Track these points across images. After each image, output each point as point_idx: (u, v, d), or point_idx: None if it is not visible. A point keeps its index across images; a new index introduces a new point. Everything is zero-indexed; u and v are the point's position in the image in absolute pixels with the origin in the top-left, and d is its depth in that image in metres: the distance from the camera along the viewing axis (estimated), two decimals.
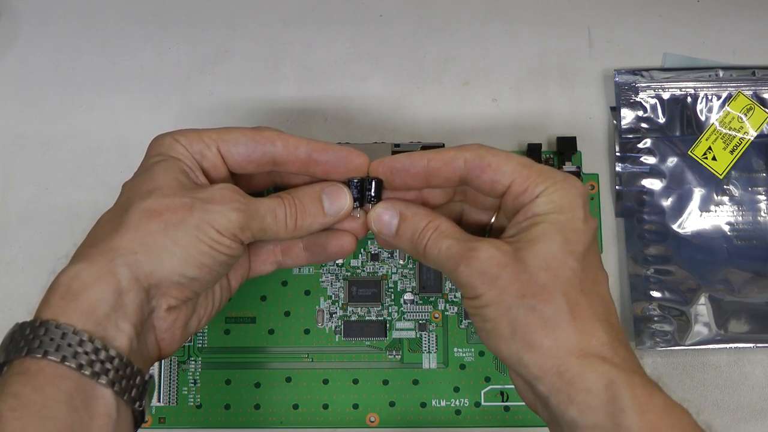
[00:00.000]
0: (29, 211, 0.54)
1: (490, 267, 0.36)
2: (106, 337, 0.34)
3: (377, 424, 0.50)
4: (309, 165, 0.40)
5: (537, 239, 0.36)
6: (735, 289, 0.51)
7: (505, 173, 0.37)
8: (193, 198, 0.37)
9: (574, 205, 0.37)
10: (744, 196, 0.52)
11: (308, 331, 0.51)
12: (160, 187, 0.37)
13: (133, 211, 0.36)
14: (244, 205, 0.37)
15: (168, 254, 0.36)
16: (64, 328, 0.33)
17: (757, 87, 0.53)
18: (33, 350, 0.33)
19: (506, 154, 0.38)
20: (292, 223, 0.39)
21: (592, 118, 0.55)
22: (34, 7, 0.58)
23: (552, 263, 0.35)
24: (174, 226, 0.36)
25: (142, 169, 0.39)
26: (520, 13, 0.57)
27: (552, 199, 0.37)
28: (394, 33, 0.57)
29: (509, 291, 0.35)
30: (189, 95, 0.56)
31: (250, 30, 0.57)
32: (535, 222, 0.36)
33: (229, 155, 0.40)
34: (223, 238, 0.37)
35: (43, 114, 0.56)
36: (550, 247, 0.36)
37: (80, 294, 0.34)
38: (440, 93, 0.55)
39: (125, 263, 0.35)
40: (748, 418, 0.50)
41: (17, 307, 0.52)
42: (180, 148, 0.39)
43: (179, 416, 0.50)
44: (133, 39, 0.57)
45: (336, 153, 0.40)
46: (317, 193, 0.40)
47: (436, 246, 0.38)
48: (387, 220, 0.40)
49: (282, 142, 0.40)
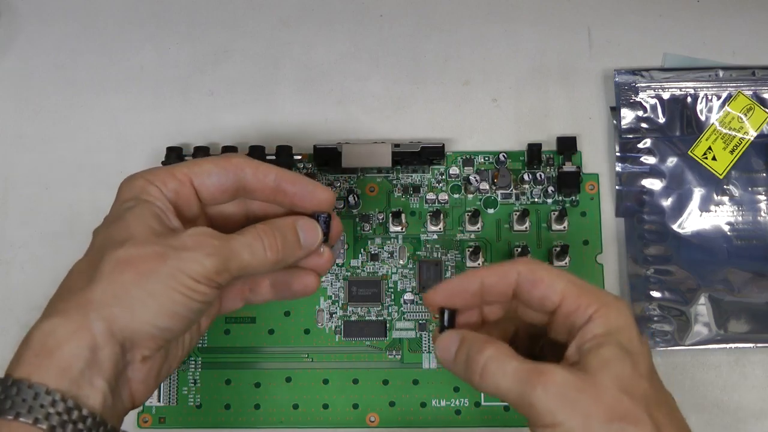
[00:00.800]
0: (29, 211, 0.54)
1: (568, 390, 0.34)
2: (80, 395, 0.34)
3: (377, 424, 0.50)
4: (277, 194, 0.41)
5: (608, 361, 0.35)
6: (735, 289, 0.51)
7: (556, 290, 0.37)
8: (166, 246, 0.36)
9: (630, 326, 0.36)
10: (744, 196, 0.52)
11: (308, 331, 0.51)
12: (132, 236, 0.36)
13: (106, 261, 0.36)
14: (217, 248, 0.37)
15: (141, 306, 0.35)
16: (36, 387, 0.33)
17: (757, 87, 0.53)
18: (4, 411, 0.33)
19: (558, 271, 0.38)
20: (272, 255, 0.39)
21: (592, 118, 0.55)
22: (34, 7, 0.58)
23: (628, 385, 0.34)
24: (146, 276, 0.35)
25: (114, 215, 0.39)
26: (520, 13, 0.57)
27: (609, 321, 0.36)
28: (394, 33, 0.57)
29: (594, 416, 0.34)
30: (189, 95, 0.56)
31: (250, 30, 0.57)
32: (600, 343, 0.35)
33: (203, 187, 0.40)
34: (199, 285, 0.36)
35: (43, 114, 0.56)
36: (623, 368, 0.35)
37: (55, 351, 0.34)
38: (440, 93, 0.55)
39: (100, 317, 0.35)
40: (748, 418, 0.50)
41: (17, 307, 0.52)
42: (153, 189, 0.39)
43: (179, 416, 0.50)
44: (133, 39, 0.57)
45: (303, 186, 0.40)
46: (292, 225, 0.40)
47: (500, 367, 0.36)
48: (449, 345, 0.39)
49: (251, 169, 0.40)
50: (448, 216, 0.52)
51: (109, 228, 0.38)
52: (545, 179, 0.53)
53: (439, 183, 0.53)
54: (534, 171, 0.53)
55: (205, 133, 0.55)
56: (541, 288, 0.37)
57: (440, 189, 0.53)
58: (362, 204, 0.53)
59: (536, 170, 0.53)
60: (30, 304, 0.52)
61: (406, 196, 0.53)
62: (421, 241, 0.52)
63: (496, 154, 0.53)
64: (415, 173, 0.53)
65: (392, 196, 0.53)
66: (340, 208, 0.52)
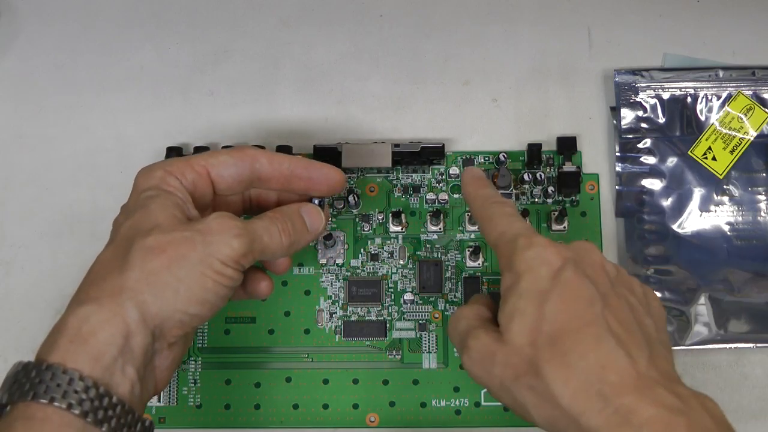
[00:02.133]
0: (29, 211, 0.54)
1: (484, 357, 0.38)
2: (111, 383, 0.34)
3: (377, 424, 0.50)
4: (291, 181, 0.42)
5: (510, 316, 0.37)
6: (735, 289, 0.51)
7: (489, 238, 0.41)
8: (193, 231, 0.37)
9: (534, 267, 0.37)
10: (744, 196, 0.52)
11: (308, 331, 0.51)
12: (159, 223, 0.37)
13: (136, 249, 0.36)
14: (242, 229, 0.38)
15: (171, 292, 0.36)
16: (71, 373, 0.33)
17: (757, 87, 0.53)
18: (39, 395, 0.33)
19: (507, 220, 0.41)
20: (286, 240, 0.41)
21: (592, 118, 0.55)
22: (34, 7, 0.58)
23: (531, 336, 0.36)
24: (177, 262, 0.36)
25: (135, 205, 0.39)
26: (520, 13, 0.57)
27: (514, 270, 0.38)
28: (394, 33, 0.57)
29: (506, 377, 0.37)
30: (189, 95, 0.56)
31: (250, 30, 0.57)
32: (504, 298, 0.38)
33: (220, 178, 0.41)
34: (227, 268, 0.37)
35: (43, 114, 0.56)
36: (524, 321, 0.37)
37: (89, 338, 0.34)
38: (440, 93, 0.55)
39: (134, 304, 0.35)
40: (748, 418, 0.50)
41: (17, 307, 0.52)
42: (172, 180, 0.40)
43: (179, 416, 0.50)
44: (133, 39, 0.57)
45: (318, 170, 0.42)
46: (297, 212, 0.42)
47: (454, 329, 0.42)
48: None
49: (267, 159, 0.41)
50: (448, 216, 0.52)
51: (133, 217, 0.38)
52: (545, 179, 0.53)
53: (439, 183, 0.53)
54: (534, 171, 0.53)
55: (205, 133, 0.55)
56: (484, 231, 0.42)
57: (440, 189, 0.53)
58: (362, 204, 0.53)
59: (536, 170, 0.53)
60: (30, 305, 0.52)
61: (406, 196, 0.53)
62: (421, 241, 0.52)
63: (496, 154, 0.53)
64: (415, 173, 0.53)
65: (392, 196, 0.53)
66: (340, 208, 0.52)
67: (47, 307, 0.52)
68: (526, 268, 0.37)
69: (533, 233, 0.39)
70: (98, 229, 0.53)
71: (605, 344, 0.35)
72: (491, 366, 0.37)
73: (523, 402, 0.36)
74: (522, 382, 0.36)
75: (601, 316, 0.36)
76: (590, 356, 0.35)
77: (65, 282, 0.52)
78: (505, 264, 0.39)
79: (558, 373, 0.35)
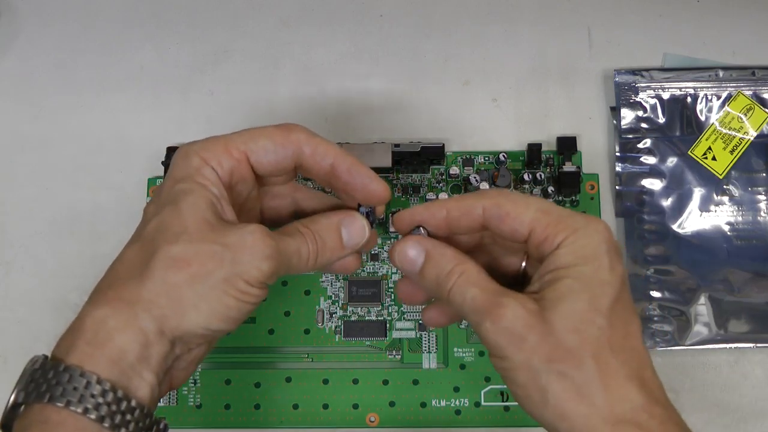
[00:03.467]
0: (29, 211, 0.54)
1: (517, 327, 0.34)
2: (130, 387, 0.33)
3: (377, 424, 0.50)
4: (331, 179, 0.39)
5: (561, 297, 0.34)
6: (735, 289, 0.51)
7: (523, 222, 0.35)
8: (224, 245, 0.35)
9: (598, 254, 0.34)
10: (744, 196, 0.52)
11: (308, 331, 0.51)
12: (187, 229, 0.35)
13: (158, 258, 0.34)
14: (275, 251, 0.35)
15: (193, 310, 0.34)
16: (88, 376, 0.33)
17: (757, 87, 0.53)
18: (55, 398, 0.32)
19: (525, 200, 0.36)
20: (312, 260, 0.38)
21: (592, 118, 0.55)
22: (34, 7, 0.58)
23: (579, 324, 0.33)
24: (201, 279, 0.34)
25: (168, 197, 0.37)
26: (520, 13, 0.57)
27: (574, 250, 0.34)
28: (394, 33, 0.57)
29: (537, 355, 0.33)
30: (189, 95, 0.56)
31: (250, 30, 0.57)
32: (557, 277, 0.34)
33: (259, 165, 0.38)
34: (252, 288, 0.35)
35: (43, 114, 0.56)
36: (576, 306, 0.34)
37: (107, 342, 0.33)
38: (440, 93, 0.55)
39: (151, 317, 0.34)
40: (748, 418, 0.50)
41: (17, 307, 0.52)
42: (208, 172, 0.37)
43: (179, 416, 0.50)
44: (133, 39, 0.57)
45: (358, 177, 0.38)
46: (336, 226, 0.39)
47: (461, 293, 0.36)
48: (412, 257, 0.37)
49: (310, 149, 0.38)
50: None
51: (162, 213, 0.36)
52: (545, 179, 0.53)
53: (439, 183, 0.53)
54: (534, 171, 0.53)
55: (205, 133, 0.54)
56: (507, 222, 0.36)
57: (440, 189, 0.53)
58: None
59: (536, 170, 0.53)
60: (30, 305, 0.52)
61: (406, 196, 0.53)
62: None
63: (496, 154, 0.53)
64: (415, 173, 0.53)
65: (392, 196, 0.53)
66: None
67: (47, 306, 0.52)
68: (590, 253, 0.34)
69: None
70: (98, 229, 0.53)
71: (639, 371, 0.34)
72: (522, 340, 0.33)
73: (545, 385, 0.33)
74: (555, 366, 0.33)
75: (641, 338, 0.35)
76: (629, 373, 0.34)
77: (65, 282, 0.52)
78: (568, 232, 0.35)
79: (601, 375, 0.33)
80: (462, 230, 0.38)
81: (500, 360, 0.34)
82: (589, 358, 0.33)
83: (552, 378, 0.33)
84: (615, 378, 0.33)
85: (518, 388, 0.34)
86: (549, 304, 0.34)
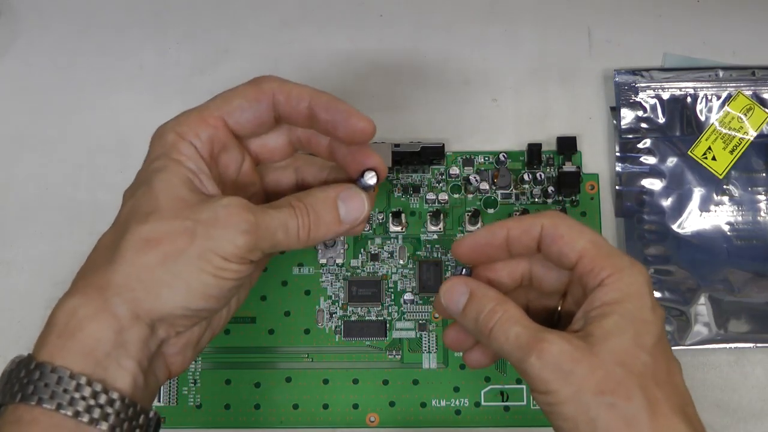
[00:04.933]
0: (29, 211, 0.54)
1: (563, 361, 0.34)
2: (107, 378, 0.32)
3: (377, 424, 0.50)
4: (311, 122, 0.37)
5: (609, 333, 0.35)
6: (735, 289, 0.51)
7: (574, 248, 0.36)
8: (195, 221, 0.33)
9: (642, 294, 0.36)
10: (744, 196, 0.52)
11: (308, 331, 0.51)
12: (159, 207, 0.34)
13: (128, 239, 0.33)
14: (252, 224, 0.34)
15: (168, 289, 0.33)
16: (59, 371, 0.31)
17: (757, 87, 0.53)
18: (27, 397, 0.31)
19: (580, 228, 0.37)
20: (304, 234, 0.36)
21: (592, 118, 0.55)
22: (34, 7, 0.58)
23: (626, 358, 0.34)
24: (173, 257, 0.33)
25: (142, 178, 0.36)
26: (520, 13, 0.57)
27: (620, 287, 0.35)
28: (394, 33, 0.57)
29: (586, 387, 0.34)
30: (189, 95, 0.55)
31: (250, 30, 0.57)
32: (604, 312, 0.35)
33: (238, 126, 0.37)
34: (230, 263, 0.34)
35: (43, 114, 0.56)
36: (623, 342, 0.34)
37: (77, 332, 0.32)
38: (440, 93, 0.55)
39: (122, 301, 0.33)
40: (748, 418, 0.50)
41: (17, 307, 0.52)
42: (184, 146, 0.36)
43: (179, 416, 0.50)
44: (133, 39, 0.57)
45: (337, 113, 0.36)
46: (332, 200, 0.37)
47: (503, 332, 0.36)
48: (456, 297, 0.38)
49: (284, 95, 0.37)
50: (448, 216, 0.52)
51: (136, 195, 0.35)
52: (545, 179, 0.53)
53: (439, 183, 0.53)
54: (534, 171, 0.53)
55: None
56: (560, 244, 0.37)
57: (440, 189, 0.53)
58: None
59: (536, 170, 0.53)
60: (30, 305, 0.52)
61: (406, 196, 0.53)
62: (421, 241, 0.52)
63: (496, 154, 0.53)
64: (415, 173, 0.53)
65: (392, 196, 0.53)
66: None
67: (47, 306, 0.51)
68: (634, 292, 0.36)
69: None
70: (98, 229, 0.53)
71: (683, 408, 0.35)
72: (569, 373, 0.34)
73: (595, 417, 0.33)
74: (604, 398, 0.33)
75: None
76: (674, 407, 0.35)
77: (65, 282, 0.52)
78: (610, 273, 0.36)
79: (649, 407, 0.34)
80: (521, 251, 0.39)
81: (545, 395, 0.34)
82: (637, 390, 0.34)
83: (602, 410, 0.33)
84: (662, 410, 0.34)
85: (565, 422, 0.34)
86: (595, 339, 0.34)
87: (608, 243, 0.37)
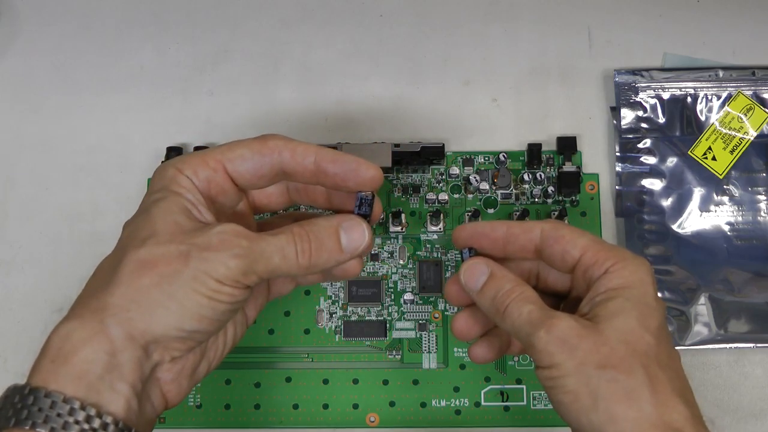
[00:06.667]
0: (29, 211, 0.54)
1: (570, 336, 0.35)
2: (100, 401, 0.32)
3: (377, 424, 0.50)
4: (318, 176, 0.38)
5: (614, 313, 0.36)
6: (735, 289, 0.51)
7: (576, 245, 0.38)
8: (190, 245, 0.34)
9: (645, 282, 0.37)
10: (744, 196, 0.52)
11: (308, 331, 0.51)
12: (156, 233, 0.35)
13: (125, 263, 0.34)
14: (245, 249, 0.35)
15: (162, 310, 0.34)
16: (53, 396, 0.32)
17: (757, 87, 0.53)
18: (20, 421, 0.32)
19: (581, 230, 0.39)
20: (305, 260, 0.37)
21: (592, 118, 0.55)
22: (34, 7, 0.58)
23: (630, 337, 0.35)
24: (167, 278, 0.34)
25: (142, 208, 0.37)
26: (520, 13, 0.57)
27: (624, 275, 0.37)
28: (394, 33, 0.57)
29: (589, 361, 0.35)
30: (189, 95, 0.56)
31: (250, 30, 0.57)
32: (610, 296, 0.37)
33: (237, 173, 0.38)
34: (223, 287, 0.34)
35: (43, 114, 0.56)
36: (628, 321, 0.36)
37: (70, 356, 0.33)
38: (440, 93, 0.56)
39: (117, 322, 0.33)
40: (748, 418, 0.50)
41: (17, 307, 0.52)
42: (183, 180, 0.37)
43: (179, 416, 0.50)
44: (133, 39, 0.57)
45: (345, 165, 0.38)
46: (334, 228, 0.38)
47: (518, 308, 0.38)
48: (477, 275, 0.40)
49: (289, 152, 0.38)
50: (448, 216, 0.52)
51: (135, 222, 0.36)
52: (545, 179, 0.53)
53: (439, 183, 0.53)
54: (534, 171, 0.53)
55: (205, 133, 0.55)
56: (562, 243, 0.39)
57: (440, 189, 0.53)
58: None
59: (536, 170, 0.53)
60: (30, 305, 0.52)
61: (406, 196, 0.53)
62: (421, 241, 0.52)
63: (496, 154, 0.53)
64: (415, 173, 0.53)
65: (392, 196, 0.53)
66: None
67: (47, 307, 0.52)
68: (638, 280, 0.37)
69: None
70: (98, 229, 0.53)
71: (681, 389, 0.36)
72: (575, 347, 0.35)
73: (596, 389, 0.35)
74: (606, 372, 0.35)
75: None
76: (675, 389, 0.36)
77: (65, 282, 0.52)
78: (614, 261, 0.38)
79: (650, 384, 0.35)
80: (516, 250, 0.40)
81: (549, 369, 0.36)
82: (639, 367, 0.35)
83: (603, 382, 0.35)
84: (663, 389, 0.35)
85: (566, 395, 0.35)
86: (601, 319, 0.36)
87: (607, 242, 0.39)
